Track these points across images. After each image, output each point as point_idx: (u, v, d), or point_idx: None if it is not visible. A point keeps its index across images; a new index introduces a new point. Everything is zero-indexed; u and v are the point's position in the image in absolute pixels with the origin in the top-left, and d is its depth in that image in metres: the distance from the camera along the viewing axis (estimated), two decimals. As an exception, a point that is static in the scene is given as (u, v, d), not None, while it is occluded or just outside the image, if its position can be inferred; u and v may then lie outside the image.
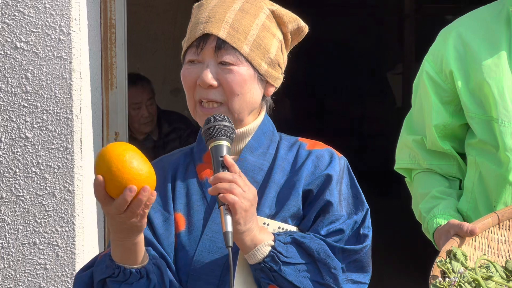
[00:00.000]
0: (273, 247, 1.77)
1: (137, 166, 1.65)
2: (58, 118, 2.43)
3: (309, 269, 1.79)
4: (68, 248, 2.46)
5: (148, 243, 1.82)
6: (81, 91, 2.46)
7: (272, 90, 1.92)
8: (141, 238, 1.74)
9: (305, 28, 1.95)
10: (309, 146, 1.91)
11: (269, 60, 1.88)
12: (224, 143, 1.77)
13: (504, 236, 1.94)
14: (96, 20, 2.64)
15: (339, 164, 1.88)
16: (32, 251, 2.46)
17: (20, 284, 2.47)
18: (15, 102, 2.44)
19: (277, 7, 1.91)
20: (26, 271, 2.46)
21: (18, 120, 2.44)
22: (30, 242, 2.46)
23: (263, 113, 1.92)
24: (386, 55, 8.03)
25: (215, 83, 1.82)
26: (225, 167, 1.75)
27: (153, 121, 4.30)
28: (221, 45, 1.82)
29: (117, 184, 1.65)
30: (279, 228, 1.82)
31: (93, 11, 2.59)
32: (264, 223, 1.81)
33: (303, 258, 1.79)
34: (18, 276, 2.47)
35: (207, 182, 1.84)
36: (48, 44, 2.43)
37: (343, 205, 1.86)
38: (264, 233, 1.78)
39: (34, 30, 2.42)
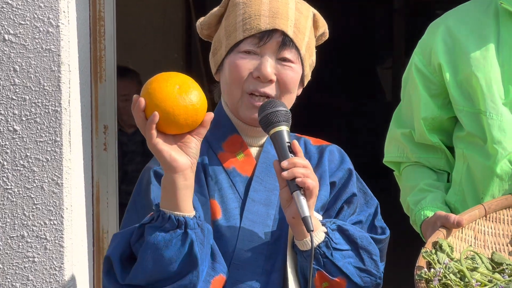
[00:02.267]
0: (326, 233, 1.81)
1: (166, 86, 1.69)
2: (47, 111, 2.43)
3: (352, 255, 1.83)
4: (56, 241, 2.45)
5: None
6: (70, 84, 2.46)
7: (300, 91, 1.96)
8: (179, 181, 1.70)
9: (327, 35, 2.00)
10: (314, 141, 1.97)
11: (311, 62, 1.93)
12: (284, 128, 1.79)
13: (491, 228, 1.95)
14: (85, 12, 2.63)
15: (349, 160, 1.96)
16: (20, 244, 2.46)
17: (8, 277, 2.47)
18: (3, 95, 2.43)
19: (316, 11, 1.95)
20: (14, 264, 2.46)
21: (6, 112, 2.43)
22: (18, 235, 2.46)
23: None
24: (375, 50, 8.04)
25: (274, 78, 1.84)
26: (293, 152, 1.77)
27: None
28: (287, 42, 1.84)
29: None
30: None
31: (81, 3, 2.58)
32: None
33: (348, 245, 1.83)
34: (6, 269, 2.46)
35: (234, 171, 1.86)
36: (37, 37, 2.42)
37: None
38: (316, 220, 1.81)
39: (23, 23, 2.42)
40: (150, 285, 1.74)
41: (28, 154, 2.44)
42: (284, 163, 1.75)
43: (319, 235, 1.79)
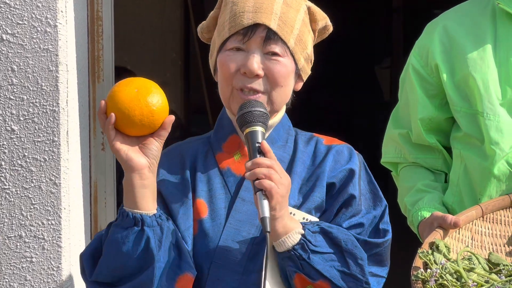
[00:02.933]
0: (303, 235, 1.79)
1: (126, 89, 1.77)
2: (45, 110, 2.43)
3: (336, 258, 1.81)
4: (54, 241, 2.45)
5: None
6: (68, 84, 2.46)
7: (300, 85, 1.96)
8: (136, 180, 1.77)
9: (331, 28, 1.99)
10: (326, 141, 1.95)
11: (306, 55, 1.92)
12: (259, 129, 1.80)
13: (488, 229, 1.95)
14: (83, 12, 2.63)
15: (358, 160, 1.93)
16: (18, 244, 2.46)
17: (6, 277, 2.47)
18: (1, 95, 2.43)
19: (311, 4, 1.95)
20: (12, 264, 2.46)
21: (4, 112, 2.43)
22: (16, 235, 2.46)
23: (285, 107, 1.95)
24: (373, 49, 8.04)
25: (261, 72, 1.85)
26: (261, 153, 1.77)
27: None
28: (271, 36, 1.85)
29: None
30: (304, 218, 1.84)
31: (79, 3, 2.58)
32: (291, 213, 1.83)
33: (331, 248, 1.81)
34: (4, 269, 2.46)
35: (228, 171, 1.88)
36: (35, 36, 2.42)
37: (362, 200, 1.90)
38: (293, 222, 1.80)
39: (20, 22, 2.42)
40: (116, 282, 1.80)
41: (26, 154, 2.44)
42: (247, 164, 1.75)
43: (293, 237, 1.78)
